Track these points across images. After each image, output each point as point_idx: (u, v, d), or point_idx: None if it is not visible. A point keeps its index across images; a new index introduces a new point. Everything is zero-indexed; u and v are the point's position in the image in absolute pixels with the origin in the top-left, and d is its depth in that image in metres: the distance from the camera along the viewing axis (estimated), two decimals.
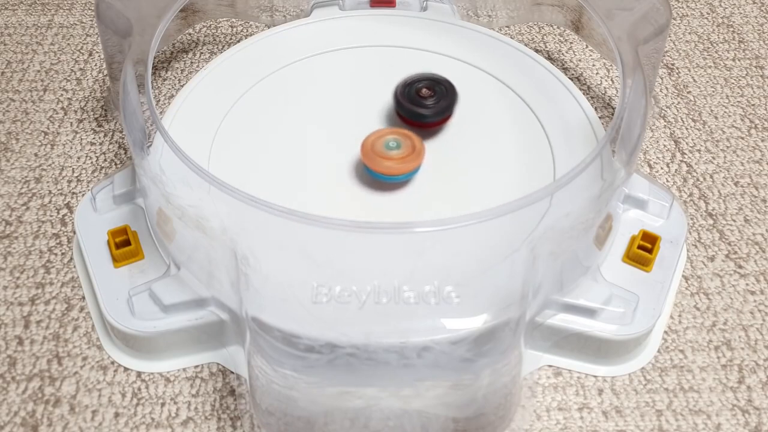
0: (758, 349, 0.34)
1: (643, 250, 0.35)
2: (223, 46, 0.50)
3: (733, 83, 0.48)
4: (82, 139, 0.43)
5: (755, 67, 0.49)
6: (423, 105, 0.37)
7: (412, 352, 0.27)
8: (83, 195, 0.40)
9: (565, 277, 0.32)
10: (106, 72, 0.48)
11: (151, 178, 0.32)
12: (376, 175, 0.35)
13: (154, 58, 0.40)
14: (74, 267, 0.37)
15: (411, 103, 0.37)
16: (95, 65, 0.49)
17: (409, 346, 0.27)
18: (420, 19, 0.45)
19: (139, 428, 0.31)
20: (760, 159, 0.43)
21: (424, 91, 0.37)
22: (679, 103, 0.46)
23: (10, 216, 0.39)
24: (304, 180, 0.36)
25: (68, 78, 0.48)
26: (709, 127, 0.45)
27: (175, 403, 0.32)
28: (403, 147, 0.35)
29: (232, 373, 0.33)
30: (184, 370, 0.33)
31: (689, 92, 0.47)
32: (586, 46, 0.50)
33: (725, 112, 0.46)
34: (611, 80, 0.48)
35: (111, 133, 0.44)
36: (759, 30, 0.52)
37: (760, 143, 0.44)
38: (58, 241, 0.38)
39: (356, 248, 0.30)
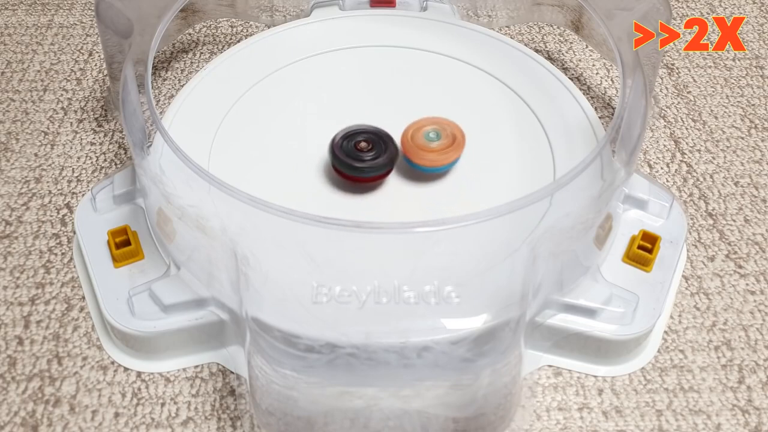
0: (758, 349, 0.34)
1: (643, 250, 0.35)
2: (223, 46, 0.50)
3: (733, 83, 0.48)
4: (82, 139, 0.43)
5: (755, 67, 0.49)
6: (360, 158, 0.34)
7: (412, 352, 0.27)
8: (83, 195, 0.40)
9: (565, 277, 0.32)
10: (106, 72, 0.48)
11: (151, 178, 0.32)
12: (419, 168, 0.35)
13: (154, 58, 0.40)
14: (74, 267, 0.37)
15: (348, 157, 0.34)
16: (95, 65, 0.49)
17: (409, 346, 0.27)
18: (420, 19, 0.45)
19: (139, 428, 0.31)
20: (760, 159, 0.43)
21: (363, 144, 0.35)
22: (679, 103, 0.46)
23: (10, 216, 0.39)
24: (304, 180, 0.36)
25: (68, 78, 0.48)
26: (709, 127, 0.45)
27: (175, 403, 0.32)
28: (443, 138, 0.35)
29: (232, 373, 0.33)
30: (184, 370, 0.33)
31: (689, 92, 0.47)
32: (586, 46, 0.50)
33: (725, 112, 0.46)
34: (611, 80, 0.48)
35: (111, 133, 0.44)
36: (759, 30, 0.52)
37: (760, 143, 0.44)
38: (58, 241, 0.38)
39: (356, 248, 0.30)
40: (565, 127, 0.38)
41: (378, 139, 0.35)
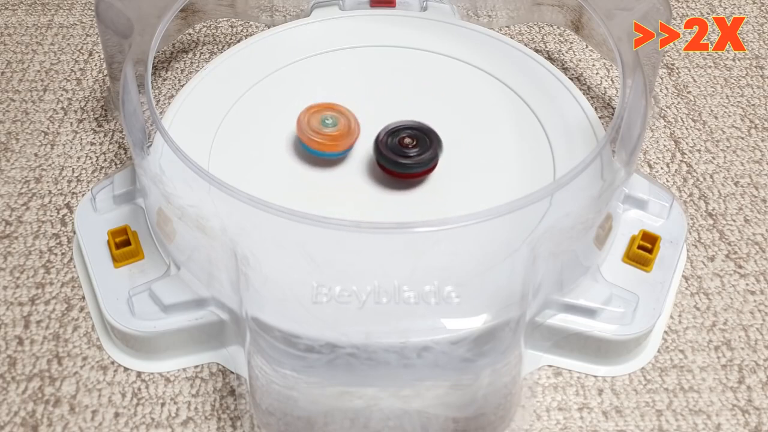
0: (758, 349, 0.34)
1: (643, 250, 0.35)
2: (223, 46, 0.50)
3: (733, 83, 0.48)
4: (82, 139, 0.43)
5: (755, 67, 0.49)
6: (405, 155, 0.34)
7: (412, 352, 0.27)
8: (83, 195, 0.40)
9: (565, 277, 0.32)
10: (106, 72, 0.48)
11: (151, 178, 0.32)
12: (311, 151, 0.36)
13: (154, 58, 0.40)
14: (74, 267, 0.37)
15: (393, 153, 0.35)
16: (95, 65, 0.49)
17: (409, 346, 0.27)
18: (420, 19, 0.45)
19: (139, 428, 0.31)
20: (760, 159, 0.43)
21: (407, 140, 0.35)
22: (679, 103, 0.46)
23: (10, 216, 0.39)
24: (304, 180, 0.36)
25: (68, 78, 0.48)
26: (709, 127, 0.45)
27: (175, 403, 0.32)
28: (339, 124, 0.36)
29: (232, 373, 0.33)
30: (184, 370, 0.33)
31: (689, 92, 0.47)
32: (586, 46, 0.50)
33: (725, 112, 0.46)
34: (611, 80, 0.48)
35: (111, 133, 0.44)
36: (759, 30, 0.52)
37: (760, 143, 0.44)
38: (58, 241, 0.38)
39: (356, 248, 0.30)
40: (565, 127, 0.38)
41: (422, 134, 0.35)
